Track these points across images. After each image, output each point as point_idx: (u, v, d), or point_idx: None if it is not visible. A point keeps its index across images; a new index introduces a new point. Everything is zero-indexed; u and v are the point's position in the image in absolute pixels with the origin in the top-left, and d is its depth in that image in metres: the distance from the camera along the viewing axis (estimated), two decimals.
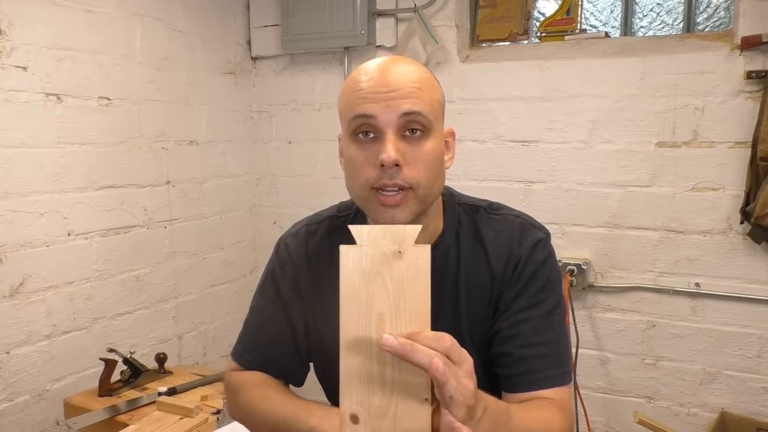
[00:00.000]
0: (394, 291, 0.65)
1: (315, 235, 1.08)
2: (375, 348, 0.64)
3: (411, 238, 0.66)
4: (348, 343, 0.65)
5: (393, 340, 0.62)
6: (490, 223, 1.02)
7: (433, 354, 0.62)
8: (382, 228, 0.66)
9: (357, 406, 0.65)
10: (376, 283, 0.65)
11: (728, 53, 2.07)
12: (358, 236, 0.66)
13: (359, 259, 0.65)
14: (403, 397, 0.65)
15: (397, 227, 0.66)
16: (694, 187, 2.16)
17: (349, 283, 0.65)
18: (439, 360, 0.61)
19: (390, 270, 0.65)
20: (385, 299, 0.65)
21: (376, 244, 0.65)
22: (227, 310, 2.81)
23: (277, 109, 2.88)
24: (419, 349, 0.62)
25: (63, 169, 2.06)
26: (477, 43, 2.58)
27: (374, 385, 0.65)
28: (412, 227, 0.66)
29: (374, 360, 0.65)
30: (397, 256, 0.65)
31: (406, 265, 0.65)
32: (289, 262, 1.08)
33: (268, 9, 2.78)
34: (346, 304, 0.65)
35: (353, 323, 0.65)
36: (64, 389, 2.08)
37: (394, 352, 0.62)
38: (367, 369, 0.65)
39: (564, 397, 0.96)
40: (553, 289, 0.99)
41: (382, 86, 0.88)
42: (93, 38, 2.13)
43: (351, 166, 0.93)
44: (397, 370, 0.65)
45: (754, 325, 2.12)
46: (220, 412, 1.77)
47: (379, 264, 0.65)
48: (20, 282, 1.95)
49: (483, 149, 2.46)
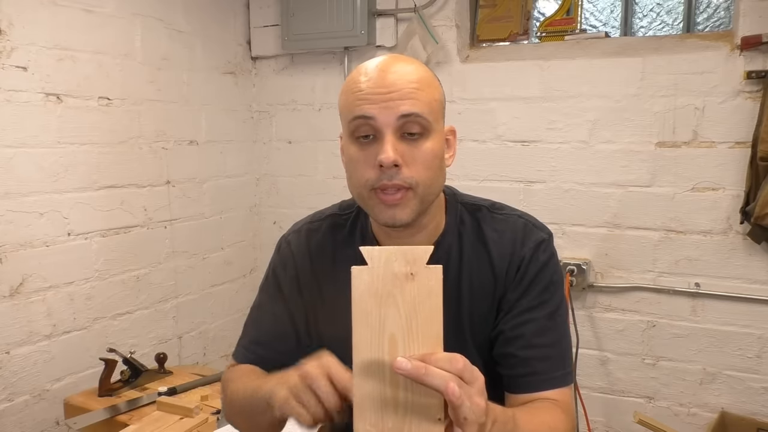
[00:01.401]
0: (406, 312, 0.65)
1: (317, 233, 1.09)
2: (388, 370, 0.65)
3: (423, 260, 0.65)
4: (361, 365, 0.65)
5: (407, 363, 0.62)
6: (493, 223, 1.02)
7: (448, 377, 0.62)
8: (394, 249, 0.66)
9: (371, 427, 0.65)
10: (388, 304, 0.65)
11: (728, 53, 2.07)
12: (370, 258, 0.66)
13: (371, 280, 0.65)
14: (416, 418, 0.65)
15: (409, 248, 0.66)
16: (694, 187, 2.16)
17: (361, 305, 0.65)
18: (455, 384, 0.62)
19: (402, 291, 0.65)
20: (398, 321, 0.65)
21: (388, 265, 0.65)
22: (227, 310, 2.81)
23: (277, 109, 2.88)
24: (433, 372, 0.62)
25: (63, 169, 2.06)
26: (477, 43, 2.58)
27: (387, 406, 0.65)
28: (423, 248, 0.66)
29: (387, 382, 0.65)
30: (409, 278, 0.65)
31: (418, 287, 0.65)
32: (291, 260, 1.08)
33: (268, 9, 2.78)
34: (359, 325, 0.65)
35: (366, 345, 0.65)
36: (64, 389, 2.08)
37: (408, 375, 0.62)
38: (381, 390, 0.65)
39: (566, 398, 0.96)
40: (556, 290, 0.99)
41: (381, 87, 0.89)
42: (93, 38, 2.13)
43: (351, 167, 0.93)
44: (410, 391, 0.65)
45: (754, 325, 2.12)
46: (220, 412, 1.77)
47: (391, 286, 0.65)
48: (20, 282, 1.95)
49: (483, 149, 2.46)
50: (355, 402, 0.66)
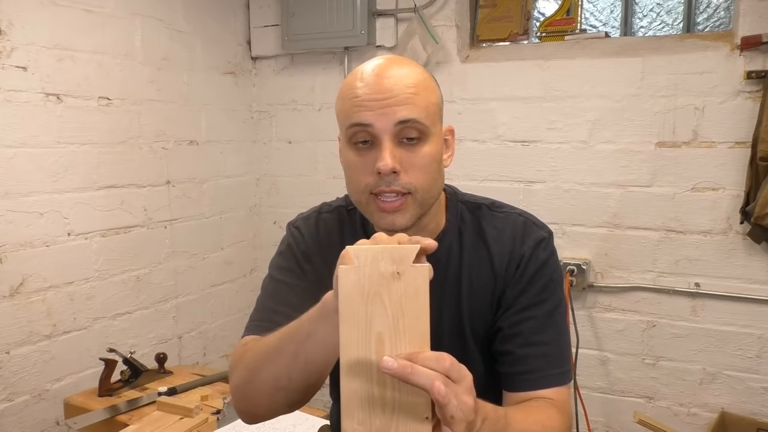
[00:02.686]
0: (393, 311, 0.65)
1: (326, 222, 1.08)
2: (375, 368, 0.65)
3: (409, 259, 0.65)
4: (348, 364, 0.65)
5: (393, 363, 0.62)
6: (493, 221, 1.03)
7: (434, 376, 0.62)
8: (380, 248, 0.66)
9: (358, 426, 0.65)
10: (375, 303, 0.65)
11: (728, 53, 2.07)
12: (356, 257, 0.66)
13: (357, 279, 0.65)
14: (404, 416, 0.65)
15: (396, 247, 0.66)
16: (694, 187, 2.16)
17: (347, 304, 0.65)
18: (441, 382, 0.61)
19: (389, 291, 0.65)
20: (384, 320, 0.65)
21: (375, 264, 0.65)
22: (227, 310, 2.81)
23: (277, 109, 2.88)
24: (420, 371, 0.62)
25: (63, 169, 2.06)
26: (477, 43, 2.58)
27: (375, 405, 0.65)
28: (410, 247, 0.66)
29: (374, 380, 0.65)
30: (395, 277, 0.65)
31: (405, 286, 0.65)
32: (303, 241, 1.07)
33: (268, 9, 2.78)
34: (346, 324, 0.65)
35: (353, 344, 0.65)
36: (64, 389, 2.08)
37: (394, 374, 0.62)
38: (368, 389, 0.65)
39: (563, 397, 0.96)
40: (555, 288, 0.99)
41: (378, 93, 0.88)
42: (93, 38, 2.13)
43: (349, 172, 0.93)
44: (397, 390, 0.65)
45: (754, 325, 2.12)
46: (220, 412, 1.77)
47: (378, 285, 0.65)
48: (20, 282, 1.95)
49: (483, 149, 2.46)
50: (342, 401, 0.66)
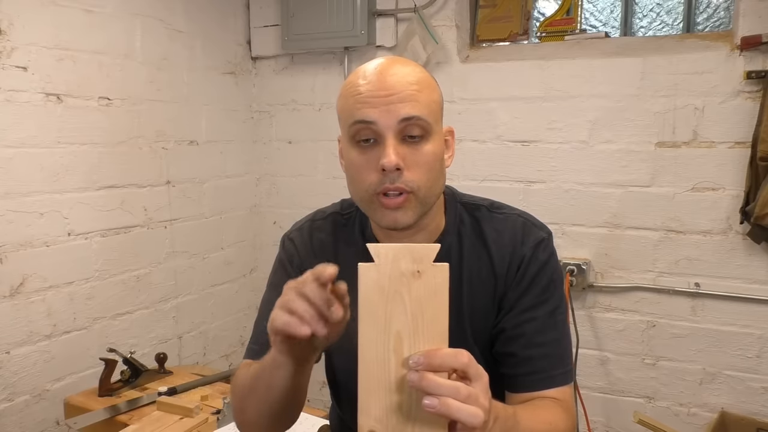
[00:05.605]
0: (412, 310, 0.65)
1: (320, 231, 1.09)
2: (393, 366, 0.65)
3: (430, 258, 0.66)
4: (366, 361, 0.65)
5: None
6: (492, 222, 1.03)
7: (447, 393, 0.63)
8: (401, 247, 0.66)
9: (375, 423, 0.66)
10: (395, 302, 0.65)
11: (728, 53, 2.07)
12: (377, 255, 0.66)
13: (378, 278, 0.65)
14: (421, 414, 0.65)
15: (416, 246, 0.66)
16: (693, 187, 2.16)
17: (367, 302, 0.65)
18: (452, 399, 0.63)
19: (408, 289, 0.65)
20: (403, 318, 0.65)
21: (395, 263, 0.65)
22: (227, 310, 2.81)
23: (277, 109, 2.88)
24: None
25: (63, 169, 2.06)
26: (477, 43, 2.58)
27: (392, 402, 0.65)
28: (431, 246, 0.66)
29: (392, 378, 0.65)
30: (415, 276, 0.65)
31: (425, 285, 0.65)
32: (296, 255, 1.08)
33: (268, 9, 2.78)
34: (365, 322, 0.65)
35: (372, 341, 0.65)
36: (64, 389, 2.08)
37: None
38: (385, 386, 0.65)
39: (566, 396, 0.97)
40: (556, 289, 1.00)
41: (381, 90, 0.88)
42: (93, 38, 2.13)
43: (352, 171, 0.93)
44: (415, 389, 0.65)
45: (754, 325, 2.12)
46: (220, 412, 1.77)
47: (398, 283, 0.65)
48: (20, 282, 1.95)
49: (483, 149, 2.46)
50: (359, 398, 0.66)
